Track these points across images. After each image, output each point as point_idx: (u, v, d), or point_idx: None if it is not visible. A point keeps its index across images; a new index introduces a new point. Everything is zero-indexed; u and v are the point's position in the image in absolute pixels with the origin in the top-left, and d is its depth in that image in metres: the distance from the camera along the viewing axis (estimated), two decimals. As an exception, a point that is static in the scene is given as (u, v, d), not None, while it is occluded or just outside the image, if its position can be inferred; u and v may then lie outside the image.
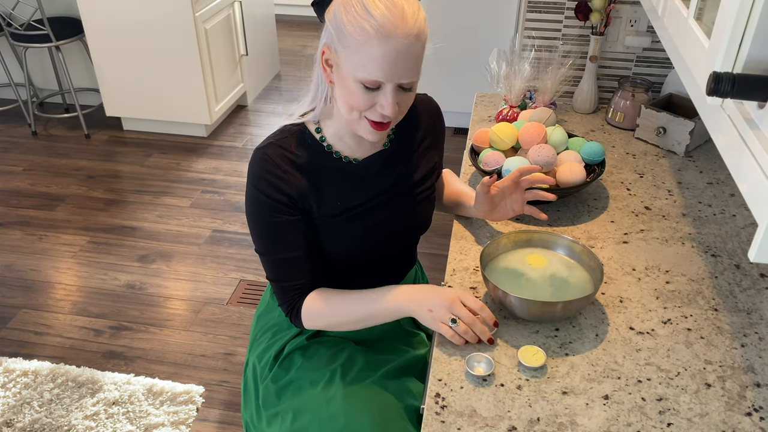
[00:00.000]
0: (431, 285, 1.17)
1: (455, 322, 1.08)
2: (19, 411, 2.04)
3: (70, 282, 2.63)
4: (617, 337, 1.14)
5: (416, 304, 1.11)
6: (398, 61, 1.00)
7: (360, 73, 1.01)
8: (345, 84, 1.04)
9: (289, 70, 4.67)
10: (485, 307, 1.11)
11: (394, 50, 0.99)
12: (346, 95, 1.05)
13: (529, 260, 1.24)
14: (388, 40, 0.98)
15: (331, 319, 1.18)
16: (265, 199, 1.11)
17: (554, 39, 1.88)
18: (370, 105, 1.04)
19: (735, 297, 1.22)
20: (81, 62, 3.94)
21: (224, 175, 3.38)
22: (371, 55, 0.99)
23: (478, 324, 1.09)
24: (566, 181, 1.42)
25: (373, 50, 0.98)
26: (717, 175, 1.59)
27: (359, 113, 1.06)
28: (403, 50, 0.99)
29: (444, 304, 1.10)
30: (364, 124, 1.07)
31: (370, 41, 0.98)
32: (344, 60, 1.02)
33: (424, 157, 1.26)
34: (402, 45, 0.99)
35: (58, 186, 3.28)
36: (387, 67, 1.00)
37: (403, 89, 1.05)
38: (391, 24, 0.98)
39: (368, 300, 1.15)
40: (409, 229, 1.26)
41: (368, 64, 0.99)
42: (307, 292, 1.18)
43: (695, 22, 0.93)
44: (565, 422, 0.98)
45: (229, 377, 2.19)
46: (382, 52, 0.98)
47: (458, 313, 1.09)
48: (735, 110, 0.75)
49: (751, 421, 0.98)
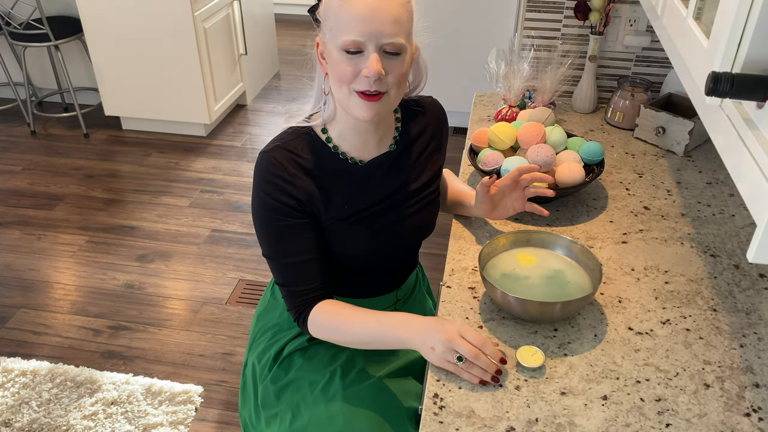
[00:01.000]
0: (435, 318, 1.09)
1: (461, 360, 1.03)
2: (17, 411, 2.03)
3: (68, 282, 2.62)
4: (616, 337, 1.13)
5: (420, 340, 1.06)
6: (373, 18, 1.00)
7: (340, 39, 1.02)
8: (332, 61, 1.05)
9: (289, 70, 4.66)
10: (488, 342, 1.04)
11: (367, 6, 1.00)
12: (334, 72, 1.05)
13: (519, 259, 1.23)
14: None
15: (336, 336, 1.15)
16: (273, 202, 1.11)
17: (553, 38, 1.87)
18: (355, 73, 1.03)
19: (734, 297, 1.22)
20: (80, 61, 3.93)
21: (223, 174, 3.37)
22: (347, 16, 1.01)
23: (481, 357, 1.02)
24: (565, 181, 1.42)
25: (348, 10, 1.00)
26: (716, 175, 1.59)
27: (348, 87, 1.05)
28: (378, 6, 1.00)
29: (444, 341, 1.03)
30: (354, 100, 1.06)
31: (345, 3, 1.01)
32: (329, 37, 1.04)
33: (430, 161, 1.25)
34: (375, 0, 1.00)
35: (56, 185, 3.27)
36: (362, 24, 1.00)
37: (387, 54, 1.03)
38: None
39: (374, 326, 1.11)
40: (415, 232, 1.26)
41: (345, 26, 1.01)
42: (316, 300, 1.15)
43: (694, 22, 0.93)
44: (563, 423, 0.98)
45: (227, 377, 2.19)
46: (357, 9, 1.00)
47: (461, 350, 1.02)
48: (734, 110, 0.75)
49: (749, 422, 0.98)
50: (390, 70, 1.04)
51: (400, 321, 1.09)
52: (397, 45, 1.02)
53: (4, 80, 4.00)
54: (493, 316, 1.18)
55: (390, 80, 1.05)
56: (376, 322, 1.11)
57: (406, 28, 1.03)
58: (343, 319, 1.13)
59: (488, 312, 1.19)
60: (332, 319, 1.14)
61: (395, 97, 1.08)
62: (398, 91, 1.08)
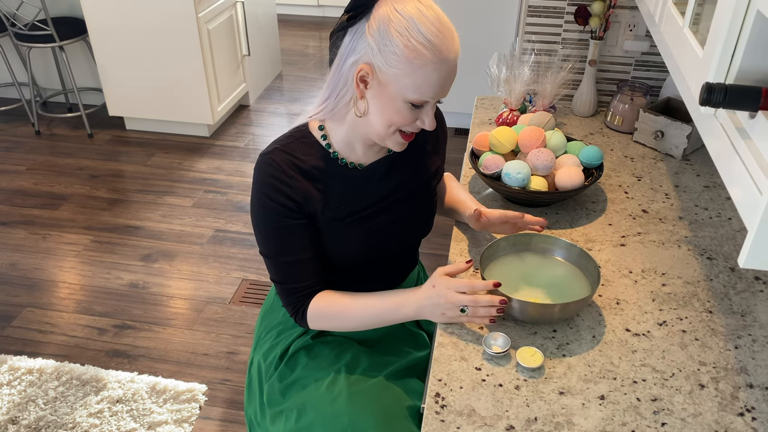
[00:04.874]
0: (425, 288, 1.16)
1: (464, 311, 1.12)
2: (24, 408, 2.06)
3: (73, 281, 2.65)
4: (613, 338, 1.16)
5: (427, 313, 1.14)
6: (449, 81, 1.04)
7: (412, 94, 1.03)
8: (391, 103, 1.05)
9: (291, 70, 4.69)
10: (471, 283, 1.12)
11: (447, 72, 1.03)
12: (390, 113, 1.06)
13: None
14: (445, 63, 1.02)
15: (337, 323, 1.21)
16: (271, 203, 1.14)
17: (554, 43, 1.90)
18: (413, 121, 1.08)
19: (729, 299, 1.24)
20: (84, 62, 3.96)
21: (226, 174, 3.40)
22: (426, 78, 1.02)
23: (481, 300, 1.11)
24: (565, 185, 1.44)
25: (430, 74, 1.01)
26: (714, 179, 1.61)
27: (396, 128, 1.09)
28: (454, 70, 1.04)
29: (445, 306, 1.12)
30: (395, 138, 1.10)
31: (427, 65, 1.01)
32: (393, 80, 1.03)
33: (427, 162, 1.28)
34: (454, 66, 1.03)
35: (61, 185, 3.30)
36: (440, 88, 1.04)
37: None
38: (446, 48, 1.01)
39: (374, 307, 1.17)
40: (412, 232, 1.29)
41: (423, 86, 1.02)
42: (312, 294, 1.20)
43: (690, 32, 0.95)
44: (561, 422, 1.01)
45: (231, 376, 2.21)
46: (439, 74, 1.02)
47: (462, 304, 1.11)
48: (727, 119, 0.77)
49: (743, 422, 1.00)
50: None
51: (399, 303, 1.16)
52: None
53: (9, 80, 4.03)
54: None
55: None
56: (378, 305, 1.17)
57: None
58: (343, 305, 1.19)
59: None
60: (331, 306, 1.19)
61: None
62: None
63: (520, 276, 1.24)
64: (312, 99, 1.23)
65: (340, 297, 1.20)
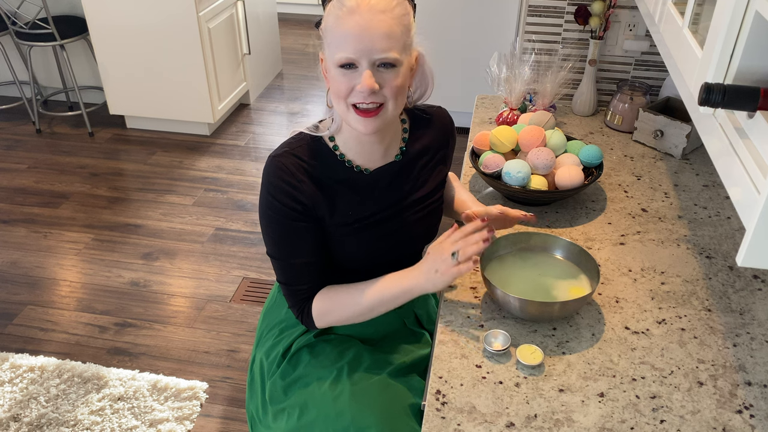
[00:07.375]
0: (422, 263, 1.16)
1: (455, 256, 1.10)
2: (26, 406, 2.07)
3: (74, 279, 2.66)
4: (613, 336, 1.17)
5: (425, 279, 1.13)
6: (364, 36, 1.03)
7: (335, 56, 1.05)
8: (331, 76, 1.09)
9: (292, 69, 4.69)
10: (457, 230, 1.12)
11: (358, 25, 1.03)
12: (333, 87, 1.09)
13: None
14: (352, 15, 1.03)
15: (343, 314, 1.20)
16: (280, 206, 1.14)
17: (554, 43, 1.90)
18: (350, 88, 1.07)
19: (728, 298, 1.25)
20: (85, 61, 3.96)
21: (227, 173, 3.41)
22: (341, 34, 1.04)
23: (469, 238, 1.10)
24: (564, 184, 1.45)
25: (342, 28, 1.04)
26: (713, 178, 1.62)
27: (345, 102, 1.08)
28: (368, 24, 1.03)
29: (437, 258, 1.11)
30: (353, 116, 1.09)
31: (339, 21, 1.04)
32: (327, 54, 1.08)
33: (434, 171, 1.28)
34: (365, 19, 1.03)
35: (62, 183, 3.31)
36: (354, 42, 1.03)
37: (381, 67, 1.06)
38: (355, 1, 1.04)
39: (375, 290, 1.17)
40: (418, 239, 1.29)
41: (340, 44, 1.05)
42: (314, 294, 1.21)
43: (689, 32, 0.96)
44: (561, 419, 1.01)
45: (232, 373, 2.22)
46: (348, 27, 1.03)
47: (452, 249, 1.10)
48: (726, 119, 0.78)
49: (741, 419, 1.01)
50: (385, 83, 1.06)
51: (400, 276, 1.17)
52: (390, 59, 1.05)
53: (10, 79, 4.03)
54: (494, 315, 1.21)
55: (386, 92, 1.07)
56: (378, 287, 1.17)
57: (400, 42, 1.06)
58: (345, 296, 1.19)
59: (489, 311, 1.22)
60: (334, 299, 1.19)
61: (394, 108, 1.10)
62: (396, 102, 1.10)
63: (520, 274, 1.25)
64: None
65: (340, 288, 1.21)
